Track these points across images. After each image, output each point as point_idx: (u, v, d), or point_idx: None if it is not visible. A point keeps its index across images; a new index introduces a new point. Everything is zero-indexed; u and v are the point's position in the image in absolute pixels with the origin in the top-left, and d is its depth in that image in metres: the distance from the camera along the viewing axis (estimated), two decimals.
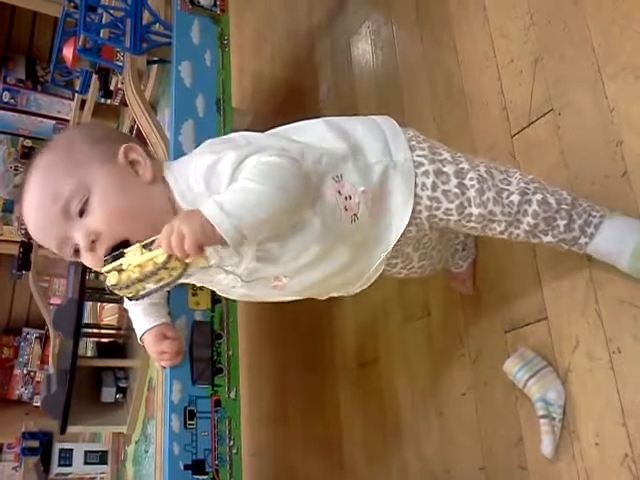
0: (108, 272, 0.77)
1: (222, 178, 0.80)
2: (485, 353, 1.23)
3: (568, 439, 1.03)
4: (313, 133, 0.91)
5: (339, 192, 0.86)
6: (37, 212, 0.83)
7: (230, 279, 0.88)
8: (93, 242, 0.81)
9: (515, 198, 0.89)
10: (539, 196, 0.90)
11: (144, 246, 0.76)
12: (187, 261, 0.75)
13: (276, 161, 0.79)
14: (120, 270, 0.76)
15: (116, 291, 0.78)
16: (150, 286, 0.77)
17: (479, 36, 1.37)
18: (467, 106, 1.38)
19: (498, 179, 0.91)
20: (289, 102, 2.21)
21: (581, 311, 1.04)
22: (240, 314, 1.35)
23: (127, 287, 0.76)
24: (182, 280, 0.80)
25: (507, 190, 0.90)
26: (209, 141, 0.92)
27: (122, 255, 0.77)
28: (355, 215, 0.87)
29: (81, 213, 0.81)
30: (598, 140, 1.07)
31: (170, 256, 0.74)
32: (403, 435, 1.43)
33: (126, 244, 0.79)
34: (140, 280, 0.75)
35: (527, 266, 1.15)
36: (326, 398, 1.74)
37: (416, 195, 0.89)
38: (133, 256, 0.76)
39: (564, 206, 0.91)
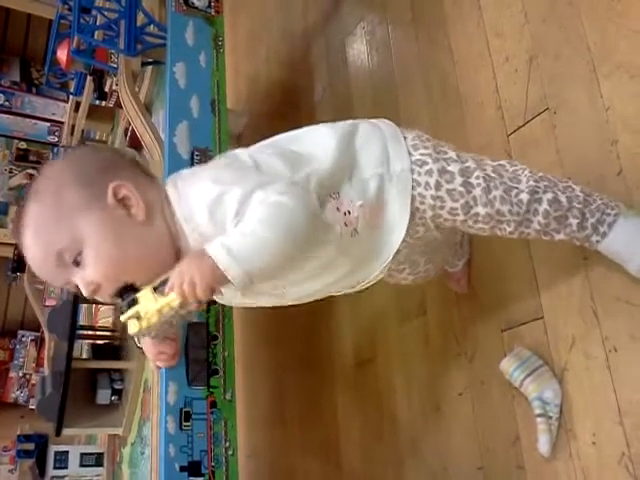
0: (127, 319, 0.79)
1: (227, 211, 0.77)
2: (481, 352, 1.23)
3: (565, 438, 1.03)
4: (318, 144, 0.88)
5: (337, 209, 0.85)
6: (36, 263, 0.82)
7: (231, 292, 0.88)
8: (94, 290, 0.81)
9: (524, 197, 0.87)
10: (550, 195, 0.88)
11: (155, 288, 0.78)
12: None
13: (285, 203, 0.76)
14: (138, 317, 0.78)
15: (139, 336, 0.81)
16: (170, 323, 0.80)
17: (474, 35, 1.37)
18: (462, 105, 1.37)
19: (507, 177, 0.89)
20: (284, 103, 2.21)
21: (577, 309, 1.04)
22: (236, 315, 1.35)
23: (149, 332, 0.80)
24: None
25: (516, 188, 0.88)
26: (215, 162, 0.89)
27: (136, 301, 0.78)
28: (355, 229, 0.86)
29: (77, 264, 0.80)
30: (593, 139, 1.07)
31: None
32: (400, 435, 1.43)
33: (132, 286, 0.80)
34: (161, 323, 0.78)
35: (523, 264, 1.15)
36: (323, 398, 1.74)
37: (419, 194, 0.87)
38: (148, 302, 0.78)
39: (576, 204, 0.89)
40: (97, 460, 1.54)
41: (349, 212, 0.85)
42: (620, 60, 1.05)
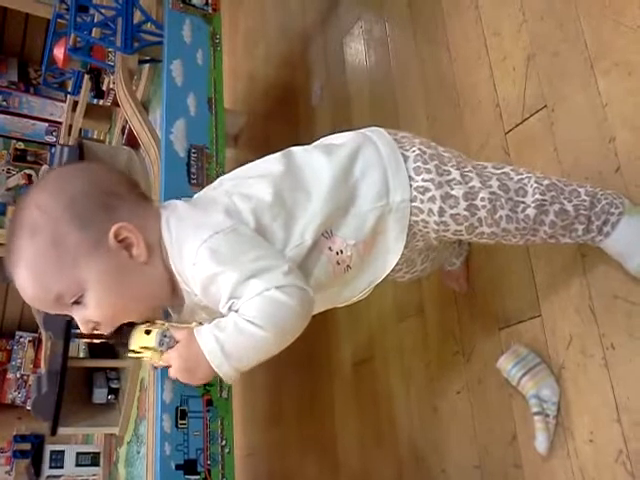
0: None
1: (220, 291, 0.76)
2: (479, 351, 1.23)
3: (562, 436, 1.02)
4: (314, 182, 0.84)
5: (330, 248, 0.83)
6: (30, 299, 0.81)
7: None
8: (93, 328, 0.81)
9: (531, 212, 0.86)
10: (557, 206, 0.87)
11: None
12: None
13: (281, 300, 0.74)
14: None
15: None
16: None
17: (472, 34, 1.37)
18: (460, 104, 1.37)
19: (513, 190, 0.86)
20: (283, 102, 2.21)
21: (575, 307, 1.04)
22: None
23: None
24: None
25: (522, 203, 0.86)
26: (213, 208, 0.83)
27: (139, 352, 0.82)
28: (348, 266, 0.85)
29: (77, 303, 0.79)
30: (591, 136, 1.07)
31: None
32: (398, 433, 1.42)
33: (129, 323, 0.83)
34: None
35: (520, 262, 1.14)
36: (321, 398, 1.73)
37: (422, 220, 0.85)
38: (155, 356, 0.81)
39: (582, 212, 0.88)
40: (93, 460, 1.53)
41: (341, 251, 0.83)
42: (617, 57, 1.04)
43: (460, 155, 0.90)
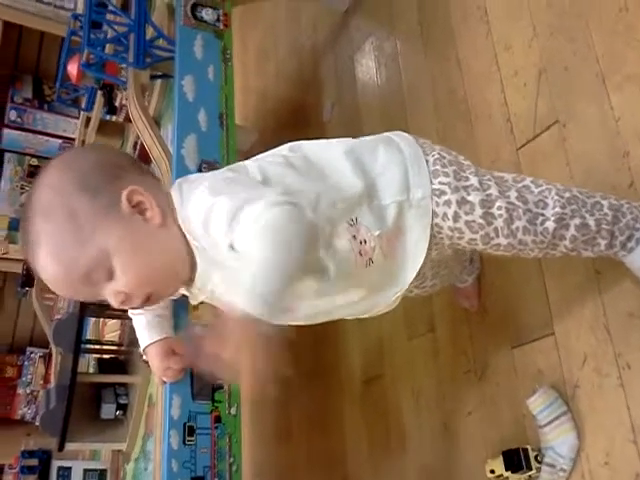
0: None
1: (218, 225, 0.75)
2: (491, 370, 1.21)
3: (577, 458, 1.00)
4: (332, 167, 0.85)
5: (354, 237, 0.82)
6: (57, 284, 0.80)
7: None
8: (123, 301, 0.81)
9: (550, 225, 0.84)
10: (577, 220, 0.85)
11: None
12: None
13: (274, 217, 0.71)
14: None
15: None
16: None
17: (482, 49, 1.36)
18: (471, 119, 1.37)
19: (532, 202, 0.84)
20: (293, 119, 2.21)
21: (589, 325, 1.02)
22: None
23: None
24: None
25: (542, 216, 0.84)
26: (222, 171, 0.87)
27: None
28: (370, 259, 0.83)
29: (107, 278, 0.79)
30: (604, 151, 1.06)
31: None
32: (408, 453, 1.40)
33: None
34: None
35: (534, 280, 1.13)
36: (330, 415, 1.71)
37: (436, 225, 0.84)
38: None
39: (605, 226, 0.86)
40: (100, 476, 1.52)
41: (365, 241, 0.82)
42: (630, 71, 1.04)
43: (479, 167, 0.89)
